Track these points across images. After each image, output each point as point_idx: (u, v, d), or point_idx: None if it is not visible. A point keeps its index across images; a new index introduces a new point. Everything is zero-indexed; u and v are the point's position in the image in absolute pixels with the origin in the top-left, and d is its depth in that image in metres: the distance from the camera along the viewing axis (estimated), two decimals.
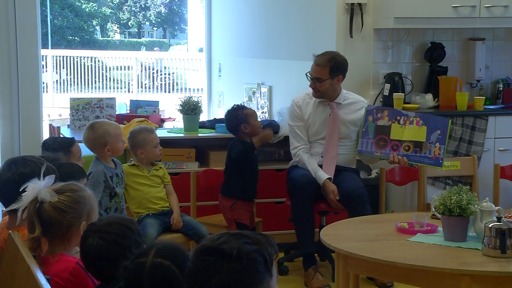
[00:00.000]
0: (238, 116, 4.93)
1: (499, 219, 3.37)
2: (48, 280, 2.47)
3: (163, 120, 6.49)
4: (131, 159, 4.81)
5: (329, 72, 4.86)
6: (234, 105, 5.09)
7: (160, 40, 28.64)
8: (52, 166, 3.05)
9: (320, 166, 4.91)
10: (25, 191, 2.68)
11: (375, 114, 4.87)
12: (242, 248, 1.87)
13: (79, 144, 4.29)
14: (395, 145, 4.80)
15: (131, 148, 4.73)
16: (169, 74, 16.54)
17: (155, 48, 21.00)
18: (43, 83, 13.32)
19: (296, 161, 4.99)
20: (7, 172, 3.06)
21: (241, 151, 4.85)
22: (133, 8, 27.89)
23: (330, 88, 4.91)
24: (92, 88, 16.46)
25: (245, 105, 5.48)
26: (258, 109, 6.83)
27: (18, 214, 2.65)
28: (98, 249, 2.45)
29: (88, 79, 16.41)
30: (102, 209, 4.27)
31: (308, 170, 4.87)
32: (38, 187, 2.65)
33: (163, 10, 28.09)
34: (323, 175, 4.83)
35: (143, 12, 28.21)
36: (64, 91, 16.11)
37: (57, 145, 4.06)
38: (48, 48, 16.08)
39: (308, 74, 4.94)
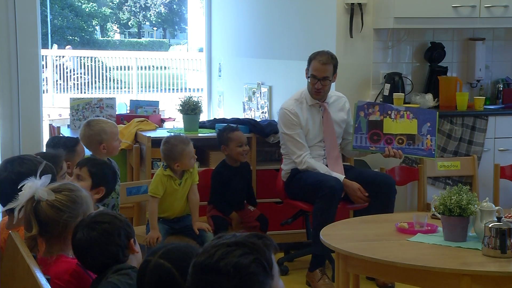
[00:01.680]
0: (222, 136, 5.03)
1: (499, 219, 3.38)
2: (48, 280, 2.47)
3: (163, 120, 6.49)
4: (165, 164, 4.67)
5: (332, 69, 4.89)
6: (228, 124, 5.20)
7: (160, 40, 28.65)
8: (50, 165, 3.05)
9: None
10: (22, 190, 2.69)
11: (366, 110, 4.91)
12: (239, 263, 1.85)
13: None
14: (389, 139, 4.85)
15: (165, 158, 4.63)
16: (84, 74, 16.34)
17: (54, 46, 20.30)
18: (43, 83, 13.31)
19: (302, 168, 4.93)
20: (3, 172, 3.06)
21: (217, 175, 4.99)
22: (133, 8, 27.92)
23: (330, 86, 4.94)
24: (92, 88, 16.46)
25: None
26: (258, 109, 6.84)
27: (15, 213, 2.65)
28: (86, 241, 2.47)
29: (88, 79, 16.42)
30: None
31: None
32: (35, 186, 2.65)
33: (163, 10, 28.11)
34: (339, 176, 4.82)
35: (143, 12, 28.24)
36: (64, 91, 16.12)
37: (62, 144, 4.07)
38: (48, 48, 16.06)
39: (310, 76, 4.90)
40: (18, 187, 2.69)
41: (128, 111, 6.83)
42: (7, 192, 2.96)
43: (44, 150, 4.12)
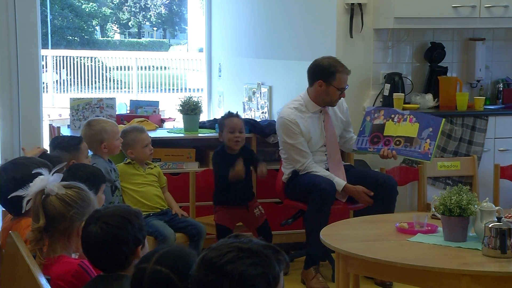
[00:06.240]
0: (220, 121, 5.00)
1: (499, 219, 3.38)
2: (48, 280, 2.47)
3: (163, 120, 6.48)
4: (126, 158, 4.82)
5: None
6: (229, 111, 5.13)
7: (160, 40, 28.64)
8: (48, 163, 3.07)
9: None
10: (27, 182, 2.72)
11: (372, 115, 4.98)
12: (246, 273, 1.83)
13: None
14: (387, 140, 4.89)
15: (122, 147, 4.73)
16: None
17: None
18: (43, 83, 13.32)
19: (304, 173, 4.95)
20: None
21: (213, 158, 4.95)
22: (133, 9, 27.89)
23: None
24: (92, 88, 16.46)
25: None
26: (258, 109, 6.84)
27: (23, 203, 2.67)
28: (94, 237, 2.46)
29: (88, 79, 16.42)
30: (106, 203, 4.29)
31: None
32: (47, 180, 2.66)
33: (163, 10, 28.10)
34: (340, 182, 4.83)
35: (143, 13, 28.21)
36: (64, 91, 16.11)
37: (67, 143, 4.07)
38: (48, 48, 16.07)
39: (338, 89, 4.87)
40: (34, 171, 2.70)
41: (128, 111, 6.82)
42: (6, 198, 2.99)
43: (48, 151, 4.12)
